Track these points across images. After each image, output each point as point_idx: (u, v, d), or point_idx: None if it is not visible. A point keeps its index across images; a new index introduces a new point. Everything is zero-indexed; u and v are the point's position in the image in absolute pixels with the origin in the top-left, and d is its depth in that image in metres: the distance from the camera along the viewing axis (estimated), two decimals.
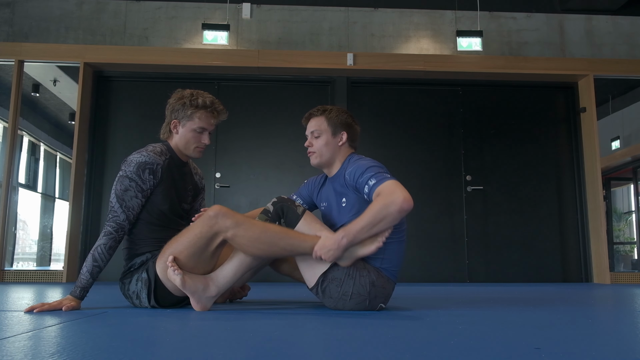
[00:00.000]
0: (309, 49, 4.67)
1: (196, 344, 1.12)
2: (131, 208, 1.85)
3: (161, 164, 1.90)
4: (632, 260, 5.23)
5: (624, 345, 1.17)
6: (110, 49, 4.47)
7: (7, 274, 4.16)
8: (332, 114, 1.99)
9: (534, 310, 1.94)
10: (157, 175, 1.88)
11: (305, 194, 2.13)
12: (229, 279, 1.81)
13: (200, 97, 1.97)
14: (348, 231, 1.70)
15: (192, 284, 1.77)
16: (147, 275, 1.84)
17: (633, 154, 5.02)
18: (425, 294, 2.93)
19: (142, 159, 1.87)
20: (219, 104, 2.02)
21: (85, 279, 1.78)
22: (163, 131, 2.03)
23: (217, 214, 1.74)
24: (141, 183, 1.85)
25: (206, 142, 2.00)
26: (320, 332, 1.41)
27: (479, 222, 4.57)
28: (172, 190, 1.95)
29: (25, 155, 4.67)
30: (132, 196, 1.84)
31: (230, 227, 1.73)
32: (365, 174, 1.78)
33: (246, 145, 4.59)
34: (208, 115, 1.98)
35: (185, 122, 1.96)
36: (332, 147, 1.96)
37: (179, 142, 1.99)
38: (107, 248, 1.80)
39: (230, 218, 1.74)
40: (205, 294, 1.79)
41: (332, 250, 1.71)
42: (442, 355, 1.01)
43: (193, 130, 1.96)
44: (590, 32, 4.84)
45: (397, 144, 4.65)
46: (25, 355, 0.97)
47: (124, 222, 1.84)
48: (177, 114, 1.97)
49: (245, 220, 1.76)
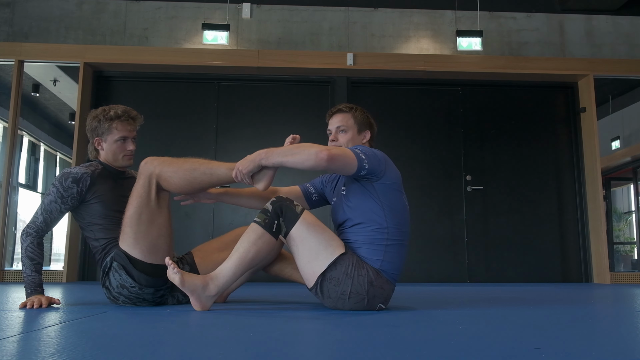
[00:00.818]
0: (309, 49, 4.67)
1: (196, 344, 1.12)
2: (49, 211, 1.97)
3: (89, 173, 2.02)
4: (632, 260, 5.23)
5: (624, 345, 1.17)
6: (110, 49, 4.47)
7: (7, 274, 4.16)
8: (358, 112, 2.07)
9: (534, 310, 1.94)
10: (84, 184, 1.99)
11: (319, 186, 2.18)
12: (228, 278, 1.82)
13: (112, 110, 2.10)
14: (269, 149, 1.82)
15: (191, 282, 1.78)
16: (116, 261, 1.92)
17: (633, 154, 5.02)
18: (425, 294, 2.93)
19: (67, 170, 2.02)
20: (132, 111, 2.14)
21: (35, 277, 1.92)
22: (89, 150, 2.14)
23: (146, 160, 1.95)
24: (62, 190, 1.97)
25: (131, 149, 2.12)
26: (320, 332, 1.41)
27: (479, 222, 4.57)
28: (111, 195, 2.05)
29: (25, 155, 4.67)
30: (52, 201, 1.97)
31: (157, 165, 1.92)
32: None
33: (246, 145, 4.58)
34: (124, 123, 2.10)
35: (106, 136, 2.09)
36: (356, 143, 2.03)
37: (107, 156, 2.11)
38: (35, 245, 1.94)
39: (157, 159, 1.95)
40: (204, 293, 1.80)
41: (248, 162, 1.83)
42: (442, 355, 1.01)
43: (115, 141, 2.08)
44: (590, 32, 4.84)
45: (397, 144, 4.65)
46: (25, 355, 0.97)
47: (42, 224, 1.97)
48: (97, 131, 2.09)
49: (171, 158, 1.95)
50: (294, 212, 1.83)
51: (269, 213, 1.84)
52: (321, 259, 1.80)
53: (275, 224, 1.83)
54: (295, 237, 1.83)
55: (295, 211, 1.84)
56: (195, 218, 4.46)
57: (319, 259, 1.81)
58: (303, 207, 1.92)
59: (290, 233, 1.83)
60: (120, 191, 2.07)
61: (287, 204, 1.86)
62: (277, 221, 1.83)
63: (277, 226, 1.83)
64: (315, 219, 1.88)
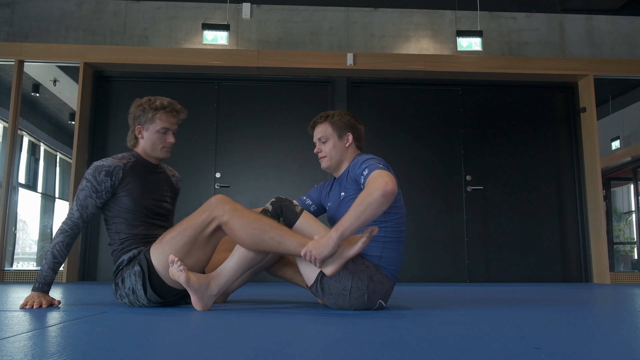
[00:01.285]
0: (309, 49, 4.67)
1: (196, 344, 1.12)
2: (85, 207, 1.95)
3: (121, 166, 1.99)
4: (632, 260, 5.23)
5: (624, 345, 1.17)
6: (110, 49, 4.47)
7: (7, 274, 4.16)
8: (335, 118, 2.04)
9: (534, 310, 1.94)
10: (116, 176, 1.96)
11: (315, 196, 2.17)
12: (229, 277, 1.83)
13: (158, 100, 2.07)
14: (337, 225, 1.70)
15: (196, 281, 1.79)
16: (140, 267, 1.88)
17: (633, 154, 5.02)
18: (425, 294, 2.93)
19: (100, 163, 1.98)
20: (177, 104, 2.10)
21: (49, 275, 1.91)
22: (129, 139, 2.11)
23: (218, 200, 1.84)
24: (96, 184, 1.94)
25: (171, 141, 2.09)
26: (320, 332, 1.41)
27: (479, 222, 4.57)
28: (142, 190, 2.02)
29: (25, 155, 4.67)
30: (87, 196, 1.94)
31: (227, 211, 1.81)
32: (361, 166, 1.85)
33: (246, 145, 4.59)
34: (168, 115, 2.06)
35: (148, 125, 2.05)
36: (340, 149, 2.02)
37: (146, 145, 2.08)
38: (64, 245, 1.92)
39: (229, 204, 1.83)
40: (207, 292, 1.81)
41: (323, 246, 1.69)
42: (442, 355, 1.01)
43: (157, 131, 2.05)
44: (590, 32, 4.84)
45: (397, 144, 4.65)
46: (25, 355, 0.97)
47: (78, 219, 1.95)
48: (139, 119, 2.06)
49: (242, 208, 1.83)
50: (293, 212, 1.87)
51: (269, 213, 1.86)
52: None
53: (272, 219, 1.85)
54: None
55: (294, 211, 1.87)
56: None
57: None
58: None
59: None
60: (151, 187, 2.06)
61: (287, 204, 1.89)
62: (277, 221, 1.85)
63: None
64: (314, 219, 1.91)
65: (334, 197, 2.05)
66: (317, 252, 1.70)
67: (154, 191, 2.06)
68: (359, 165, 1.87)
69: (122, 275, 1.93)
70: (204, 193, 4.47)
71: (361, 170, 1.84)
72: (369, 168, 1.81)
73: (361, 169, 1.84)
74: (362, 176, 1.82)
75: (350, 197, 1.90)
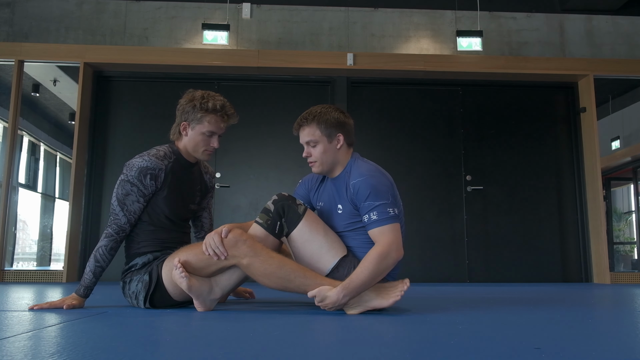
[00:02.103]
0: (309, 49, 4.67)
1: (196, 344, 1.12)
2: (132, 212, 1.86)
3: (163, 168, 1.89)
4: (632, 260, 5.23)
5: (624, 345, 1.17)
6: (110, 49, 4.47)
7: (7, 274, 4.16)
8: (323, 117, 1.89)
9: (534, 310, 1.94)
10: (159, 179, 1.88)
11: (303, 193, 2.08)
12: (232, 282, 1.82)
13: (211, 101, 1.93)
14: (348, 289, 1.67)
15: (198, 287, 1.76)
16: (149, 278, 1.84)
17: (633, 154, 5.02)
18: (425, 294, 2.93)
19: (144, 164, 1.86)
20: (230, 108, 1.98)
21: (89, 279, 1.82)
22: (173, 132, 2.01)
23: (237, 241, 1.71)
24: (143, 188, 1.86)
25: (215, 146, 1.98)
26: (321, 332, 1.41)
27: (479, 222, 4.57)
28: (177, 193, 1.95)
29: (25, 155, 4.67)
30: (134, 200, 1.85)
31: (248, 256, 1.71)
32: (369, 200, 1.76)
33: (246, 145, 4.58)
34: (218, 119, 1.94)
35: (195, 125, 1.93)
36: (332, 152, 1.90)
37: (188, 144, 1.97)
38: (108, 249, 1.83)
39: (249, 247, 1.71)
40: (210, 297, 1.80)
41: (331, 302, 1.68)
42: (442, 355, 1.01)
43: (202, 133, 1.94)
44: (590, 32, 4.84)
45: (397, 144, 4.65)
46: (25, 355, 0.97)
47: (125, 224, 1.86)
48: (187, 116, 1.94)
49: (263, 251, 1.72)
50: (296, 213, 1.79)
51: (271, 213, 1.79)
52: (323, 262, 1.79)
53: (277, 225, 1.79)
54: (297, 238, 1.80)
55: (297, 212, 1.80)
56: None
57: (321, 262, 1.79)
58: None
59: (292, 234, 1.80)
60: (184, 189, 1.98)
61: (290, 203, 1.80)
62: (280, 222, 1.80)
63: (279, 227, 1.80)
64: (317, 219, 1.84)
65: (327, 199, 1.96)
66: (324, 305, 1.70)
67: (186, 194, 1.99)
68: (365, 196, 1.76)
69: (131, 276, 1.89)
70: None
71: (367, 207, 1.76)
72: (378, 213, 1.74)
73: (367, 205, 1.76)
74: (368, 216, 1.76)
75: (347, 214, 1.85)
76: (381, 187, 1.78)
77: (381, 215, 1.74)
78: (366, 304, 1.73)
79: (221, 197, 4.49)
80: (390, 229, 1.74)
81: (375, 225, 1.75)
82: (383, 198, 1.76)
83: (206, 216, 2.19)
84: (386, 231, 1.74)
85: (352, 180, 1.82)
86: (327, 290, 1.68)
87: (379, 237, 1.74)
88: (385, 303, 1.72)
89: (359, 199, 1.79)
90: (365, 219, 1.77)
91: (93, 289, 1.85)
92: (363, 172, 1.82)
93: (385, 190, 1.79)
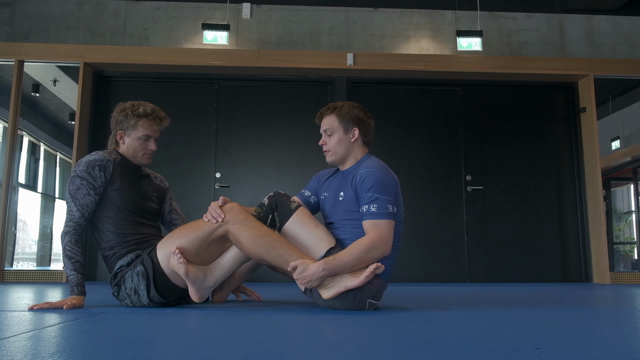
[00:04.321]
0: (309, 49, 4.67)
1: (196, 344, 1.12)
2: (85, 205, 1.91)
3: (112, 160, 1.98)
4: (632, 260, 5.23)
5: (624, 345, 1.17)
6: (110, 49, 4.47)
7: (7, 274, 4.16)
8: (343, 110, 1.99)
9: (534, 310, 1.94)
10: (108, 171, 1.95)
11: (314, 186, 2.15)
12: (225, 270, 1.89)
13: (141, 107, 2.04)
14: (329, 265, 1.75)
15: (195, 273, 1.83)
16: (144, 267, 1.87)
17: (633, 154, 5.02)
18: (425, 294, 2.93)
19: (91, 158, 1.95)
20: (160, 111, 2.09)
21: (74, 277, 1.85)
22: (110, 142, 2.11)
23: (233, 207, 1.84)
24: (92, 180, 1.92)
25: (153, 149, 2.07)
26: (320, 332, 1.41)
27: (479, 222, 4.57)
28: (129, 184, 2.01)
29: (25, 155, 4.67)
30: (85, 194, 1.91)
31: (239, 221, 1.81)
32: (372, 191, 1.82)
33: (246, 145, 4.59)
34: (151, 122, 2.04)
35: (130, 131, 2.04)
36: (345, 144, 1.98)
37: (127, 151, 2.07)
38: (74, 243, 1.87)
39: (242, 213, 1.83)
40: (204, 285, 1.86)
41: (311, 281, 1.76)
42: (442, 355, 1.01)
43: (138, 138, 2.04)
44: (590, 32, 4.84)
45: (397, 144, 4.65)
46: (25, 355, 0.97)
47: (80, 219, 1.90)
48: (122, 125, 2.05)
49: (254, 220, 1.83)
50: (288, 208, 1.88)
51: (264, 207, 1.89)
52: (313, 254, 1.84)
53: (269, 218, 1.88)
54: (288, 232, 1.87)
55: (289, 207, 1.88)
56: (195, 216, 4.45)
57: (310, 252, 1.84)
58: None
59: (284, 228, 1.87)
60: (136, 188, 2.04)
61: (283, 199, 1.90)
62: (272, 215, 1.88)
63: (271, 220, 1.88)
64: (309, 215, 1.90)
65: (331, 189, 2.01)
66: (302, 278, 1.77)
67: (140, 190, 2.06)
68: (369, 186, 1.82)
69: (122, 277, 1.91)
70: (204, 193, 4.47)
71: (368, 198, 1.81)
72: (377, 207, 1.80)
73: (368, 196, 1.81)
74: (367, 207, 1.81)
75: (347, 200, 1.91)
76: (387, 182, 1.85)
77: (380, 209, 1.81)
78: (339, 284, 1.79)
79: None
80: (385, 225, 1.81)
81: (372, 217, 1.81)
82: (386, 194, 1.83)
83: (176, 218, 2.24)
84: (381, 225, 1.80)
85: (360, 170, 1.89)
86: (309, 263, 1.76)
87: (372, 229, 1.80)
88: (356, 281, 1.76)
89: (363, 188, 1.84)
90: (364, 209, 1.83)
91: (84, 284, 1.87)
92: (372, 165, 1.90)
93: (389, 187, 1.85)
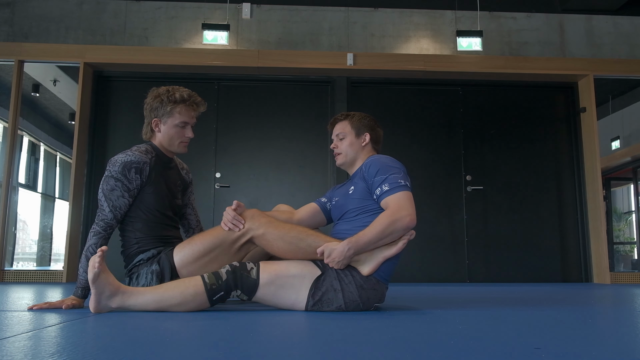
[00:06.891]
0: (309, 49, 4.67)
1: (196, 344, 1.12)
2: (118, 207, 1.86)
3: (148, 162, 1.91)
4: (632, 260, 5.23)
5: (624, 345, 1.17)
6: (110, 49, 4.47)
7: (7, 274, 4.16)
8: (355, 117, 2.08)
9: (534, 310, 1.94)
10: (144, 173, 1.89)
11: (329, 195, 2.16)
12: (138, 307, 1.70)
13: (177, 92, 1.96)
14: (354, 243, 1.74)
15: (102, 283, 1.65)
16: (159, 266, 1.84)
17: (633, 154, 5.02)
18: (425, 294, 2.93)
19: (127, 159, 1.87)
20: (197, 96, 2.01)
21: (84, 279, 1.80)
22: (145, 131, 2.03)
23: (254, 215, 1.82)
24: (127, 182, 1.86)
25: (190, 136, 2.01)
26: (320, 332, 1.41)
27: (479, 222, 4.57)
28: (164, 188, 1.96)
29: (25, 155, 4.67)
30: (119, 196, 1.85)
31: (263, 225, 1.79)
32: (379, 174, 1.84)
33: (246, 145, 4.59)
34: (188, 108, 1.97)
35: (166, 118, 1.96)
36: (356, 147, 2.04)
37: (163, 139, 1.99)
38: (98, 247, 1.81)
39: (264, 217, 1.83)
40: (107, 301, 1.68)
41: (340, 261, 1.75)
42: (442, 355, 1.01)
43: (175, 125, 1.97)
44: (590, 32, 4.84)
45: (397, 144, 4.64)
46: (25, 355, 0.97)
47: (112, 221, 1.86)
48: (157, 112, 1.97)
49: (275, 220, 1.84)
50: (249, 279, 1.73)
51: (221, 281, 1.71)
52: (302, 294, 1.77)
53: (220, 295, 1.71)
54: (265, 296, 1.76)
55: (250, 277, 1.73)
56: None
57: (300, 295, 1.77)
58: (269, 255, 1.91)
59: (257, 296, 1.75)
60: (168, 184, 1.99)
61: (241, 273, 1.73)
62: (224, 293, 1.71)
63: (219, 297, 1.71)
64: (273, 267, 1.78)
65: (342, 192, 2.03)
66: (331, 259, 1.75)
67: (170, 189, 2.00)
68: (376, 170, 1.85)
69: (137, 271, 1.88)
70: (204, 193, 4.47)
71: (378, 180, 1.82)
72: (389, 184, 1.80)
73: (378, 178, 1.83)
74: (380, 189, 1.81)
75: (358, 193, 1.91)
76: (392, 163, 1.89)
77: (392, 185, 1.81)
78: (377, 256, 1.79)
79: (221, 197, 4.49)
80: (402, 196, 1.79)
81: (386, 194, 1.81)
82: (394, 171, 1.85)
83: (191, 212, 2.21)
84: (397, 197, 1.79)
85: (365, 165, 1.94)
86: (334, 245, 1.75)
87: (390, 203, 1.79)
88: (394, 249, 1.78)
89: (370, 174, 1.87)
90: (377, 192, 1.83)
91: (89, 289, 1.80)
92: (376, 154, 2.01)
93: (396, 166, 1.88)
